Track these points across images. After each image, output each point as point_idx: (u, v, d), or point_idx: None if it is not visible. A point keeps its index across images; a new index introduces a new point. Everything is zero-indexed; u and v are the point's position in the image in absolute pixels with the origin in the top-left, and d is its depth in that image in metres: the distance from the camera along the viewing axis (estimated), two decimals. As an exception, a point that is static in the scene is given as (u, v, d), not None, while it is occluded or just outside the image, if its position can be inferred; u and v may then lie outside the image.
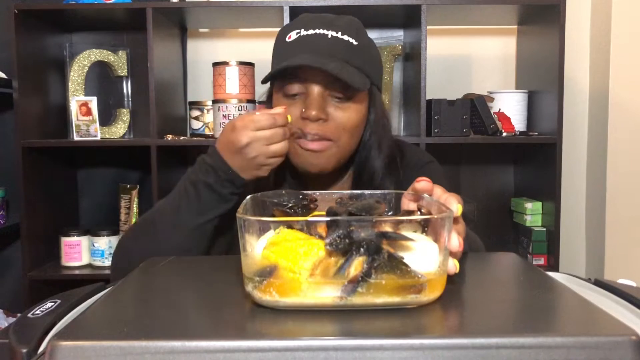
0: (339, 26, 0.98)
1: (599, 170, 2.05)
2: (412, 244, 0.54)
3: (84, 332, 0.49)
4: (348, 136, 1.00)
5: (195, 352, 0.44)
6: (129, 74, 2.07)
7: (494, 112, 1.90)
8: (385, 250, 0.52)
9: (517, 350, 0.44)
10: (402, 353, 0.44)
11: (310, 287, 0.52)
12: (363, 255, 0.51)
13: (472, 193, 2.14)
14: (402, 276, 0.52)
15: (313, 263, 0.52)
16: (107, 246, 1.92)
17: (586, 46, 2.12)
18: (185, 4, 1.88)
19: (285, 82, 0.98)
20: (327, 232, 0.52)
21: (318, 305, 0.52)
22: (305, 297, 0.52)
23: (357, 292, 0.51)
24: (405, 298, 0.52)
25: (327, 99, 0.98)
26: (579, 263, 2.16)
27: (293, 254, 0.53)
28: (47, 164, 1.96)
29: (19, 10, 1.79)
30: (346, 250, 0.52)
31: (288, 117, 0.92)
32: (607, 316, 0.51)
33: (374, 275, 0.51)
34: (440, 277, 0.54)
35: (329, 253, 0.52)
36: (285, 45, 1.00)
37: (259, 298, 0.53)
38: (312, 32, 0.98)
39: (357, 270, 0.51)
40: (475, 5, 1.83)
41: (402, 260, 0.52)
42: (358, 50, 0.98)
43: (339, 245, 0.51)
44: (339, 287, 0.51)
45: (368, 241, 0.51)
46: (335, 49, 0.96)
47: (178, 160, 2.10)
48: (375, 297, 0.51)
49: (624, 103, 1.99)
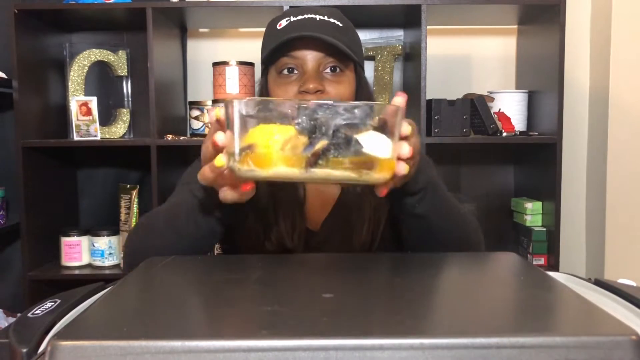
0: (325, 12, 1.05)
1: (599, 170, 2.05)
2: (367, 132, 0.62)
3: (84, 332, 0.49)
4: None
5: (195, 352, 0.44)
6: (129, 74, 2.07)
7: (494, 112, 1.90)
8: (343, 132, 0.60)
9: (517, 350, 0.44)
10: (402, 353, 0.44)
11: (280, 159, 0.60)
12: (325, 137, 0.60)
13: (472, 193, 2.14)
14: (356, 153, 0.61)
15: (284, 139, 0.60)
16: (107, 246, 1.92)
17: (586, 46, 2.12)
18: (185, 4, 1.88)
19: (281, 61, 1.03)
20: (297, 114, 0.61)
21: (287, 177, 0.61)
22: (276, 168, 0.61)
23: (318, 165, 0.60)
24: (360, 174, 0.61)
25: (321, 74, 1.03)
26: (579, 263, 2.16)
27: (268, 132, 0.61)
28: (47, 164, 1.96)
29: (19, 10, 1.79)
30: (312, 131, 0.60)
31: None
32: (607, 316, 0.51)
33: (334, 151, 0.60)
34: (389, 160, 0.64)
35: (298, 133, 0.60)
36: (276, 32, 1.04)
37: (237, 169, 0.62)
38: (301, 17, 1.03)
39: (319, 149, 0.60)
40: (475, 5, 1.83)
41: (357, 140, 0.61)
42: (344, 30, 1.05)
43: (305, 126, 0.60)
44: (304, 161, 0.60)
45: (331, 124, 0.60)
46: (324, 29, 1.01)
47: (178, 160, 2.10)
48: (334, 170, 0.61)
49: (624, 103, 1.99)
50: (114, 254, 1.93)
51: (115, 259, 1.93)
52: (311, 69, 1.02)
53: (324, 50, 1.01)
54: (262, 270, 0.73)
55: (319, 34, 0.99)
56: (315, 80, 1.01)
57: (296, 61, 1.03)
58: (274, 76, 1.05)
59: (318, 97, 1.01)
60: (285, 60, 1.03)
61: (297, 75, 1.03)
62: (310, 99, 1.00)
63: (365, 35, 2.10)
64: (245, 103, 0.62)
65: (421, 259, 0.82)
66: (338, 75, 1.04)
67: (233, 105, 0.62)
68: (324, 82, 1.03)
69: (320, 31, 1.00)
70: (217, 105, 0.75)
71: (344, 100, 1.02)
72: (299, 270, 0.73)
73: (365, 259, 0.77)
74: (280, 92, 1.04)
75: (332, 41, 0.99)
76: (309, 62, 1.02)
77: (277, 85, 1.04)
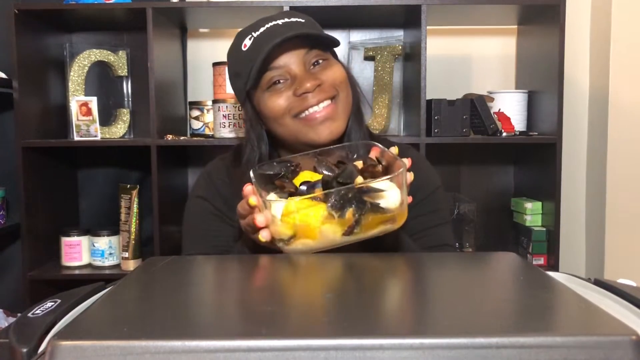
0: (283, 16, 1.05)
1: (599, 170, 2.05)
2: (382, 192, 0.78)
3: (84, 332, 0.49)
4: (344, 87, 1.05)
5: (195, 352, 0.44)
6: (129, 74, 2.06)
7: (494, 112, 1.90)
8: (368, 202, 0.76)
9: (517, 350, 0.44)
10: (402, 353, 0.44)
11: (321, 243, 0.78)
12: (352, 207, 0.76)
13: (472, 193, 2.13)
14: (380, 214, 0.77)
15: (320, 221, 0.77)
16: (107, 246, 1.92)
17: (586, 46, 2.12)
18: (185, 4, 1.88)
19: (265, 78, 1.02)
20: (325, 198, 0.76)
21: (331, 244, 0.78)
22: (319, 247, 0.78)
23: (354, 234, 0.77)
24: (386, 226, 0.79)
25: (310, 70, 1.03)
26: (579, 263, 2.16)
27: (306, 222, 0.77)
28: (47, 164, 1.96)
29: (19, 10, 1.79)
30: (341, 208, 0.76)
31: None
32: (607, 316, 0.51)
33: (363, 219, 0.77)
34: (403, 209, 0.80)
35: (329, 212, 0.76)
36: (243, 54, 1.03)
37: (286, 250, 0.80)
38: (263, 29, 1.02)
39: (350, 218, 0.76)
40: (475, 5, 1.83)
41: (379, 205, 0.77)
42: (309, 24, 1.05)
43: (337, 206, 0.76)
44: (340, 235, 0.77)
45: (355, 199, 0.76)
46: (292, 29, 1.01)
47: (178, 160, 2.10)
48: (367, 232, 0.78)
49: (624, 103, 1.99)
50: (114, 254, 1.93)
51: (115, 259, 1.93)
52: (299, 71, 1.01)
53: (303, 46, 1.01)
54: (263, 270, 0.74)
55: (290, 31, 0.98)
56: (308, 78, 1.00)
57: (281, 70, 1.01)
58: (262, 95, 1.03)
59: (319, 91, 1.01)
60: (269, 74, 1.01)
61: (286, 83, 1.02)
62: (312, 97, 1.00)
63: (365, 35, 2.10)
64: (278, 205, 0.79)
65: (421, 259, 0.82)
66: (325, 64, 1.04)
67: (270, 204, 0.79)
68: (316, 75, 1.02)
69: (289, 32, 0.99)
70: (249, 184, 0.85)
71: (342, 84, 1.04)
72: (299, 270, 0.73)
73: (366, 259, 0.77)
74: (274, 106, 1.02)
75: (307, 32, 0.99)
76: (293, 65, 1.01)
77: (270, 101, 1.02)
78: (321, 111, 1.01)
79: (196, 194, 1.13)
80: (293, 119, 1.02)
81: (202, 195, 1.11)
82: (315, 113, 1.01)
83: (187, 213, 1.13)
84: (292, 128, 1.03)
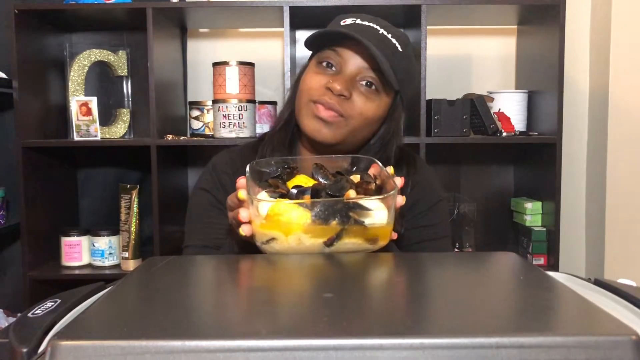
0: (391, 31, 1.03)
1: (599, 170, 2.05)
2: (369, 211, 0.77)
3: (84, 332, 0.49)
4: (361, 122, 1.02)
5: (195, 352, 0.44)
6: (129, 74, 2.06)
7: (493, 112, 1.90)
8: (352, 217, 0.76)
9: (517, 350, 0.44)
10: (402, 353, 0.44)
11: (300, 250, 0.77)
12: (335, 220, 0.76)
13: (472, 193, 2.14)
14: (362, 232, 0.77)
15: (302, 229, 0.76)
16: (107, 246, 1.92)
17: (586, 46, 2.12)
18: (185, 4, 1.88)
19: (325, 53, 1.02)
20: (311, 206, 0.76)
21: (308, 252, 0.77)
22: (297, 251, 0.77)
23: (334, 245, 0.76)
24: (367, 245, 0.78)
25: (355, 83, 1.01)
26: (579, 263, 2.16)
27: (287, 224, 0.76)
28: (47, 164, 1.96)
29: (19, 10, 1.79)
30: (326, 219, 0.75)
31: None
32: (607, 316, 0.51)
33: (344, 234, 0.76)
34: (387, 228, 0.78)
35: (313, 220, 0.75)
36: (337, 24, 1.04)
37: (264, 250, 0.79)
38: (366, 23, 1.02)
39: (332, 230, 0.76)
40: (475, 5, 1.83)
41: (363, 223, 0.76)
42: (400, 57, 1.03)
43: (321, 216, 0.76)
44: (321, 241, 0.76)
45: (340, 212, 0.76)
46: (381, 43, 1.00)
47: (178, 160, 2.10)
48: (347, 246, 0.77)
49: (624, 103, 1.99)
50: (114, 254, 1.93)
51: (115, 259, 1.93)
52: (348, 72, 1.01)
53: (369, 62, 0.99)
54: (262, 270, 0.74)
55: (372, 45, 0.97)
56: (345, 83, 0.99)
57: (338, 58, 1.01)
58: (313, 65, 1.05)
59: (338, 100, 0.99)
60: (328, 53, 1.02)
61: (333, 72, 1.02)
62: (330, 98, 0.99)
63: (365, 35, 2.10)
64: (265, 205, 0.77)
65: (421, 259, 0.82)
66: (372, 93, 1.02)
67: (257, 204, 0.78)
68: (355, 91, 1.01)
69: (375, 43, 0.98)
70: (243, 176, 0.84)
71: (363, 119, 1.02)
72: (299, 270, 0.73)
73: (366, 259, 0.77)
74: (310, 80, 1.03)
75: (378, 58, 0.97)
76: (349, 64, 1.01)
77: (311, 74, 1.03)
78: (325, 111, 1.00)
79: (199, 185, 1.13)
80: (307, 103, 1.02)
81: (205, 187, 1.12)
82: (320, 108, 1.00)
83: (190, 204, 1.14)
84: (301, 108, 1.03)
